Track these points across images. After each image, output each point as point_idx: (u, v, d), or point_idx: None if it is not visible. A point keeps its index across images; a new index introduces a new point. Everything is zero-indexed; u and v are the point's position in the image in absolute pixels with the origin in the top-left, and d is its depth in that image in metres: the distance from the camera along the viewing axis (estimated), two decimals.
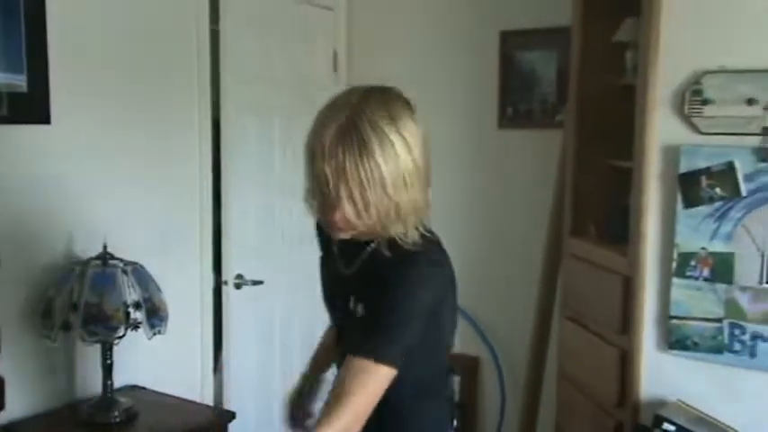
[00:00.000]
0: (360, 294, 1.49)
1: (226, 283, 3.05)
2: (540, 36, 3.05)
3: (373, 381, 1.37)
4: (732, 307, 2.25)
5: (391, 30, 3.50)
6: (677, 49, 2.28)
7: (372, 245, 1.47)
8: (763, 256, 2.19)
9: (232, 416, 2.52)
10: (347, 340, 1.58)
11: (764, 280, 2.19)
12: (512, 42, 3.10)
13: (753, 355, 2.23)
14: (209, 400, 2.98)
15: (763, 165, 2.15)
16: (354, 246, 1.49)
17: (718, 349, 2.28)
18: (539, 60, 3.11)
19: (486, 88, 3.25)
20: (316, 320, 2.20)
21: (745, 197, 2.19)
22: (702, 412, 2.31)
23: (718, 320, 2.28)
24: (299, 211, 1.55)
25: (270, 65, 3.20)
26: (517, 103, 3.20)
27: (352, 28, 3.58)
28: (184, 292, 2.80)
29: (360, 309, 1.48)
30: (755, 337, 2.22)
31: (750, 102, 2.16)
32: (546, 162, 3.08)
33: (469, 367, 3.43)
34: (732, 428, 2.25)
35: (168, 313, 2.35)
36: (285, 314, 3.29)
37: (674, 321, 2.35)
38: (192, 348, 2.91)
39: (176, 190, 2.81)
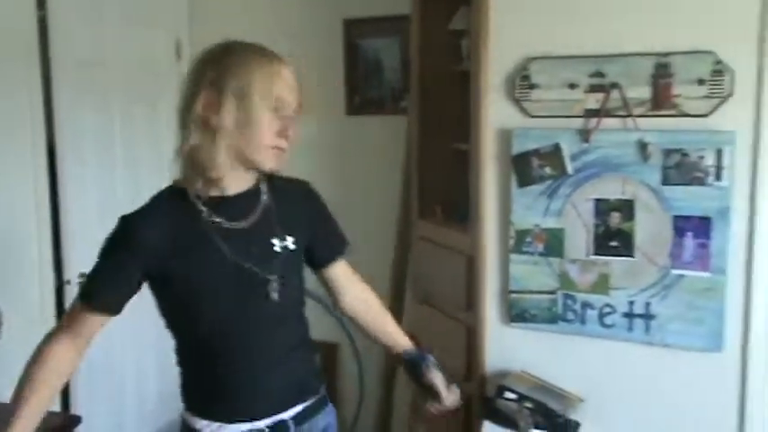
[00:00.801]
0: (282, 229, 1.60)
1: (68, 282, 2.92)
2: (382, 24, 3.10)
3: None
4: (564, 279, 2.40)
5: (235, 17, 3.44)
6: (505, 36, 2.39)
7: (260, 186, 1.60)
8: (588, 230, 2.35)
9: (78, 420, 2.42)
10: (288, 285, 1.61)
11: (590, 252, 2.35)
12: (355, 30, 3.15)
13: (583, 322, 2.39)
14: (56, 405, 2.84)
15: (585, 145, 2.30)
16: (236, 200, 1.55)
17: (553, 319, 2.43)
18: (383, 48, 3.17)
19: (333, 76, 3.27)
20: None
21: (572, 175, 2.34)
22: (542, 380, 2.45)
23: (553, 292, 2.42)
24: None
25: (106, 51, 3.08)
26: (364, 89, 3.25)
27: (195, 16, 3.50)
28: (23, 295, 2.66)
29: (290, 241, 1.61)
30: (585, 305, 2.38)
31: (572, 86, 2.30)
32: (395, 147, 3.15)
33: (328, 354, 3.47)
34: (569, 392, 2.41)
35: (2, 320, 2.23)
36: (136, 312, 3.18)
37: (514, 296, 2.48)
38: None
39: (7, 187, 2.65)
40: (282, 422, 1.61)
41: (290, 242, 1.61)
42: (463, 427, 2.62)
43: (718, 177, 2.15)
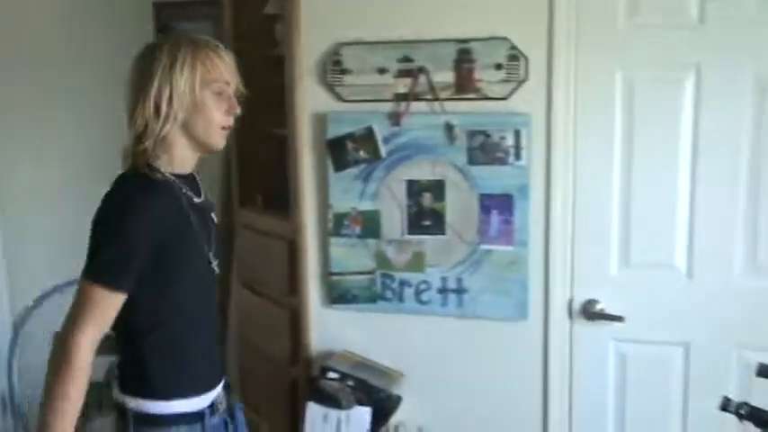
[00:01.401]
0: (212, 207, 1.85)
1: None
2: (195, 8, 3.03)
3: None
4: (381, 259, 2.47)
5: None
6: (317, 21, 2.42)
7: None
8: (402, 210, 2.43)
9: None
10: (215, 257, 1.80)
11: (405, 232, 2.44)
12: (166, 14, 3.05)
13: (401, 300, 2.47)
14: None
15: (396, 128, 2.38)
16: (190, 178, 1.75)
17: (373, 299, 2.50)
18: (198, 32, 3.08)
19: None
20: None
21: (385, 159, 2.41)
22: (365, 358, 2.52)
23: (371, 272, 2.49)
24: None
25: None
26: None
27: None
28: None
29: (214, 218, 1.84)
30: (402, 284, 2.47)
31: (382, 71, 2.37)
32: None
33: None
34: (390, 368, 2.49)
35: None
36: None
37: (335, 278, 2.52)
38: None
39: None
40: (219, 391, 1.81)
41: (214, 218, 1.84)
42: (291, 410, 2.64)
43: (517, 157, 2.30)
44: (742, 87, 2.17)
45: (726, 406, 1.40)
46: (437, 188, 2.38)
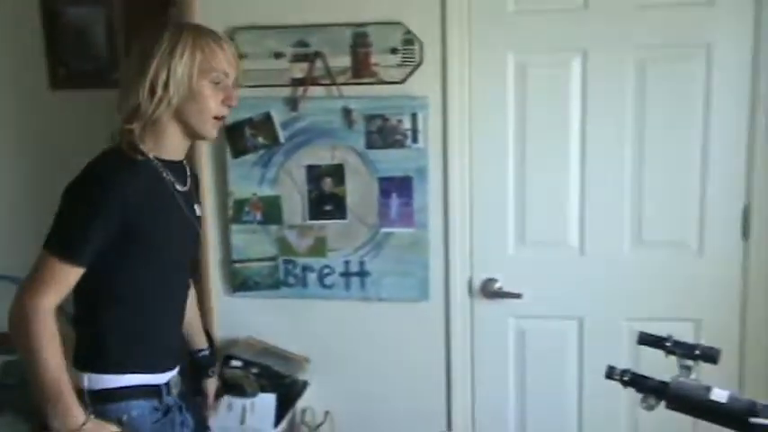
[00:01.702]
0: (197, 199, 1.83)
1: None
2: None
3: None
4: (283, 245, 2.46)
5: None
6: (211, 6, 2.37)
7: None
8: (303, 196, 2.42)
9: None
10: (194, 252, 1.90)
11: (306, 217, 2.43)
12: None
13: (304, 285, 2.48)
14: None
15: (294, 113, 2.37)
16: (177, 165, 1.74)
17: (276, 285, 2.49)
18: (88, 17, 2.98)
19: (31, 47, 3.01)
20: None
21: (284, 144, 2.40)
22: (269, 344, 2.51)
23: (274, 259, 2.48)
24: None
25: None
26: (70, 61, 3.03)
27: None
28: None
29: (198, 210, 1.83)
30: (305, 269, 2.47)
31: (278, 55, 2.35)
32: (108, 123, 2.98)
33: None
34: (295, 354, 2.49)
35: None
36: None
37: (237, 265, 2.50)
38: None
39: None
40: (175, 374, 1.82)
41: (198, 211, 1.82)
42: None
43: (415, 140, 2.33)
44: (625, 69, 2.26)
45: (611, 374, 1.46)
46: (337, 173, 2.39)
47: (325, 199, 2.41)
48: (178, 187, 1.72)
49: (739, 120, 2.23)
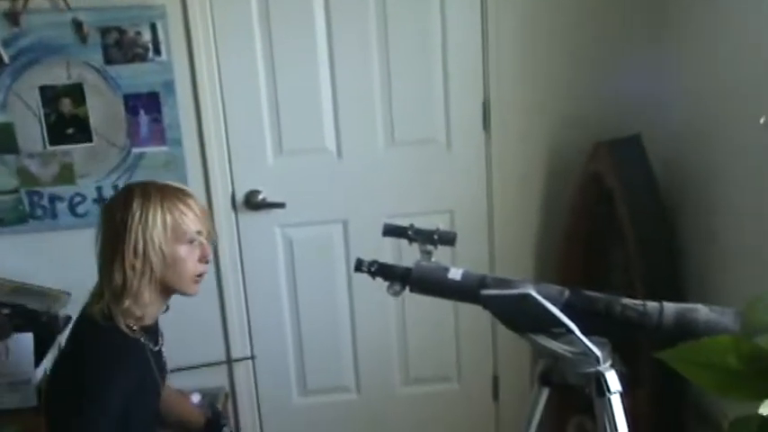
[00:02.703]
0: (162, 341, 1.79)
1: None
2: None
3: None
4: (24, 175, 2.27)
5: None
6: None
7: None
8: (41, 120, 2.23)
9: None
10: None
11: (47, 144, 2.25)
12: None
13: (54, 216, 2.31)
14: None
15: (16, 29, 2.15)
16: (153, 326, 1.70)
17: (22, 219, 2.31)
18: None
19: None
20: None
21: (9, 64, 2.17)
22: (23, 283, 2.33)
23: (15, 191, 2.28)
24: None
25: None
26: None
27: None
28: None
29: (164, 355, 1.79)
30: (53, 199, 2.30)
31: None
32: None
33: None
34: (53, 289, 2.34)
35: None
36: None
37: None
38: None
39: None
40: None
41: (164, 356, 1.79)
42: None
43: (157, 52, 2.21)
44: None
45: (359, 266, 1.52)
46: (76, 92, 2.22)
47: (66, 121, 2.24)
48: (152, 347, 1.70)
49: (473, 22, 2.34)
